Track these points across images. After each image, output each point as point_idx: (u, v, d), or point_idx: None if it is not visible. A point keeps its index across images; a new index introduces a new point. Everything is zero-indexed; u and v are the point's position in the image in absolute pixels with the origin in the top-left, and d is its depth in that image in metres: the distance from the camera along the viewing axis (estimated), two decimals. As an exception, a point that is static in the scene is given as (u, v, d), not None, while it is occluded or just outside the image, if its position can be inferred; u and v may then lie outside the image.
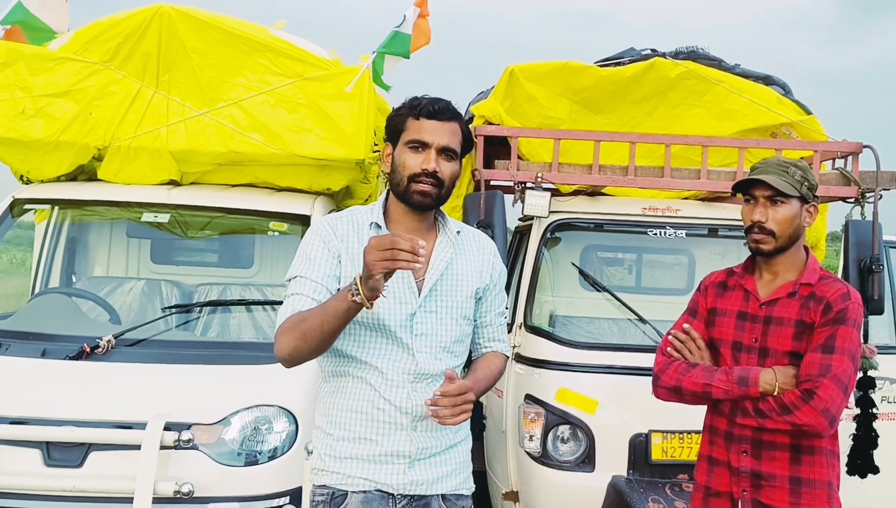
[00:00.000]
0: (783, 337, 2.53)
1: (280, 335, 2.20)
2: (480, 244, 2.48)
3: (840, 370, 2.40)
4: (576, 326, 4.61)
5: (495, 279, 2.47)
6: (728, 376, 2.53)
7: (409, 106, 2.31)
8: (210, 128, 4.03)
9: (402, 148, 2.29)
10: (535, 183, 4.21)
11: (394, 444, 2.25)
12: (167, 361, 3.57)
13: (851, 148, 4.27)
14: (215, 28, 4.01)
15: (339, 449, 2.28)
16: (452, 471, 2.35)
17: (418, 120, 2.27)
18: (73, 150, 4.09)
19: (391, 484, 2.25)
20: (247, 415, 3.34)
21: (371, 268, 1.99)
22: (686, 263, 5.42)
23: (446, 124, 2.28)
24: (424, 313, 2.28)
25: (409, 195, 2.27)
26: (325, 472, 2.30)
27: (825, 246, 5.36)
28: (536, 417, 4.00)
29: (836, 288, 2.51)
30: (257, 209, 4.22)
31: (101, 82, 4.02)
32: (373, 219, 2.33)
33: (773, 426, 2.46)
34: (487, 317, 2.48)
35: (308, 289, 2.23)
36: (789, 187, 2.52)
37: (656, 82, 4.53)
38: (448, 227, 2.41)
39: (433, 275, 2.31)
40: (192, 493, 3.14)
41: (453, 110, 2.32)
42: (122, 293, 4.51)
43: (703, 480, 2.71)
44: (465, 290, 2.36)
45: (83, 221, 4.77)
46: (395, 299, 2.26)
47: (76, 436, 3.20)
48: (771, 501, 2.51)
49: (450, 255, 2.36)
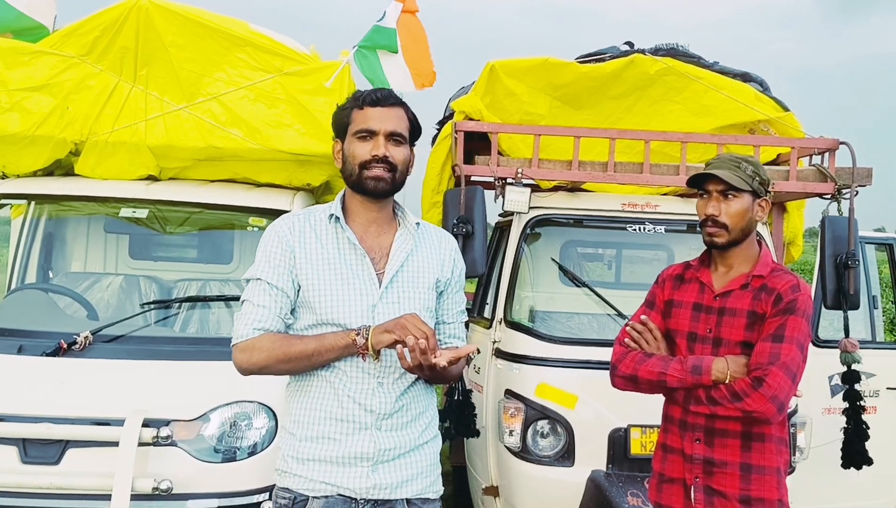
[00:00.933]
0: (736, 327, 2.60)
1: (250, 352, 2.22)
2: (441, 239, 2.48)
3: (789, 359, 2.47)
4: (555, 321, 4.63)
5: (456, 275, 2.47)
6: (682, 365, 2.60)
7: (353, 99, 2.36)
8: (189, 123, 4.00)
9: (350, 140, 2.32)
10: (515, 179, 4.22)
11: (357, 445, 2.23)
12: (145, 357, 3.54)
13: (828, 145, 4.31)
14: (194, 22, 3.98)
15: (302, 451, 2.26)
16: (418, 474, 2.31)
17: (362, 109, 2.31)
18: (49, 144, 4.04)
19: (353, 489, 2.22)
20: (226, 411, 3.33)
21: (399, 328, 2.12)
22: (665, 258, 5.46)
23: (391, 110, 2.31)
24: (386, 305, 2.27)
25: (364, 183, 2.28)
26: (288, 474, 2.28)
27: (802, 242, 5.40)
28: (516, 412, 4.01)
29: (786, 280, 2.58)
30: (237, 205, 4.19)
31: (78, 76, 3.97)
32: (331, 211, 2.33)
33: (725, 413, 2.53)
34: (448, 315, 2.46)
35: (269, 300, 2.25)
36: (741, 182, 2.61)
37: (636, 79, 4.55)
38: (408, 219, 2.40)
39: (393, 265, 2.31)
40: (171, 490, 3.12)
41: (396, 97, 2.35)
42: (100, 289, 4.48)
43: (658, 467, 2.79)
44: (426, 281, 2.35)
45: (60, 216, 4.72)
46: (356, 292, 2.26)
47: (53, 433, 3.17)
48: (722, 487, 2.58)
49: (410, 246, 2.36)
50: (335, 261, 2.28)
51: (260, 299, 2.26)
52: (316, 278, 2.26)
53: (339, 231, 2.32)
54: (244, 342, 2.24)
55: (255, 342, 2.22)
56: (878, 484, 4.56)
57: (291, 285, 2.27)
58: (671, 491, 2.72)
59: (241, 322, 2.27)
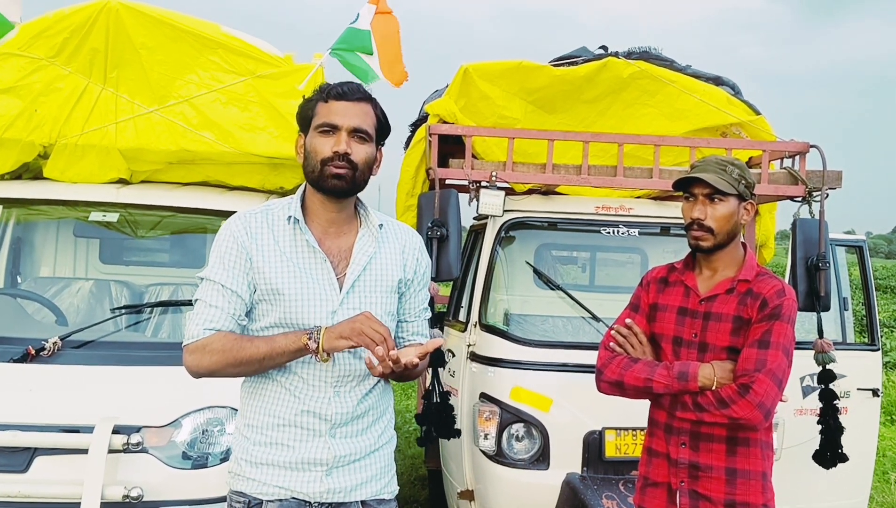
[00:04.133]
0: (722, 332, 2.60)
1: (201, 353, 2.16)
2: (406, 238, 2.40)
3: (775, 365, 2.47)
4: (530, 324, 4.64)
5: (419, 274, 2.40)
6: (669, 371, 2.59)
7: (318, 91, 2.26)
8: (160, 126, 3.96)
9: (312, 134, 2.22)
10: (489, 182, 4.22)
11: (311, 451, 2.19)
12: (116, 363, 3.49)
13: (799, 148, 4.35)
14: (165, 24, 3.94)
15: (256, 454, 2.21)
16: (373, 476, 2.28)
17: (327, 103, 2.21)
18: (17, 147, 3.99)
19: (307, 493, 2.19)
20: (198, 417, 3.29)
21: (355, 333, 2.07)
22: (639, 261, 5.49)
23: (356, 105, 2.20)
24: (347, 311, 2.20)
25: (324, 180, 2.19)
26: (241, 477, 2.23)
27: (774, 244, 5.45)
28: (491, 416, 4.01)
29: (772, 285, 2.58)
30: (209, 208, 4.15)
31: (47, 78, 3.92)
32: (290, 213, 2.24)
33: (711, 420, 2.53)
34: (411, 313, 2.41)
35: (222, 300, 2.18)
36: (727, 185, 2.60)
37: (609, 82, 4.57)
38: (370, 220, 2.32)
39: (355, 269, 2.24)
40: (142, 497, 3.08)
41: (364, 92, 2.25)
42: (70, 294, 4.41)
43: (643, 471, 2.79)
44: (388, 284, 2.29)
45: (28, 220, 4.65)
46: (316, 297, 2.19)
47: (20, 440, 3.11)
48: (707, 491, 2.59)
49: (372, 249, 2.28)
50: (294, 264, 2.21)
51: (212, 298, 2.19)
52: (274, 282, 2.18)
53: (297, 233, 2.24)
54: (195, 342, 2.17)
55: (206, 343, 2.15)
56: (850, 485, 4.61)
57: (246, 288, 2.20)
58: (654, 495, 2.72)
59: (192, 322, 2.20)
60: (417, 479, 6.53)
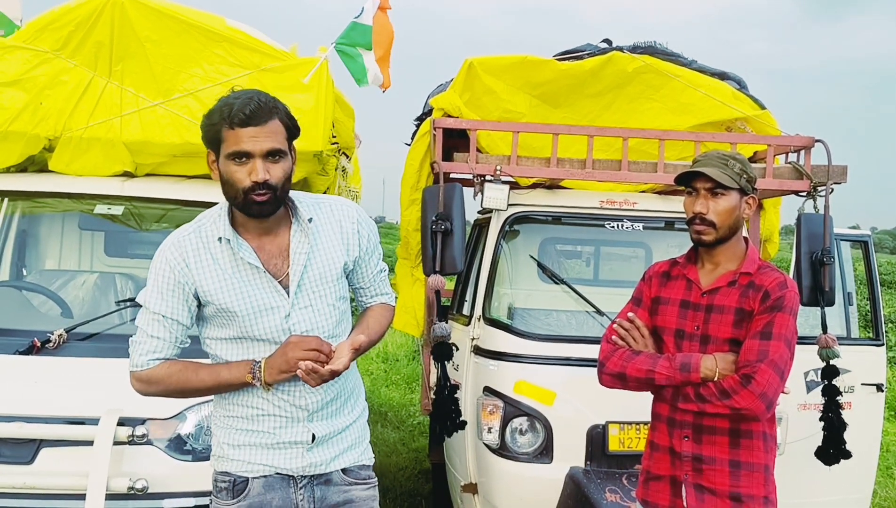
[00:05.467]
0: (724, 325, 2.61)
1: (147, 383, 2.27)
2: (341, 215, 2.39)
3: (777, 356, 2.48)
4: (534, 318, 4.63)
5: (365, 244, 2.42)
6: (671, 362, 2.60)
7: (220, 114, 2.16)
8: (165, 119, 3.96)
9: (225, 162, 2.16)
10: (493, 176, 4.22)
11: (291, 435, 2.30)
12: (121, 355, 3.41)
13: (804, 142, 4.34)
14: (169, 17, 3.95)
15: (237, 438, 2.32)
16: (350, 446, 2.41)
17: (234, 130, 2.13)
18: (22, 140, 3.99)
19: (290, 468, 2.30)
20: (202, 409, 3.29)
21: (290, 365, 2.14)
22: (643, 255, 5.48)
23: (264, 128, 2.14)
24: (299, 311, 2.27)
25: (248, 208, 2.18)
26: (225, 459, 2.33)
27: (779, 239, 5.44)
28: (495, 409, 4.01)
29: (773, 277, 2.59)
30: (213, 201, 4.13)
31: (52, 71, 3.93)
32: (220, 234, 2.25)
33: (714, 411, 2.53)
34: (366, 279, 2.48)
35: (162, 331, 2.24)
36: (729, 180, 2.60)
37: (614, 76, 4.56)
38: (300, 214, 2.31)
39: (296, 271, 2.27)
40: (147, 489, 3.09)
41: (267, 109, 2.15)
42: (75, 287, 4.42)
43: (647, 464, 2.80)
44: (332, 273, 2.32)
45: (34, 213, 4.66)
46: (267, 309, 2.24)
47: (26, 432, 3.13)
48: (711, 484, 2.59)
49: (307, 246, 2.29)
50: (237, 282, 2.23)
51: (153, 329, 2.24)
52: (224, 302, 2.22)
53: (234, 251, 2.24)
54: (140, 372, 2.26)
55: (151, 374, 2.25)
56: (854, 479, 4.60)
57: (186, 313, 2.25)
58: (658, 488, 2.72)
59: (135, 351, 2.26)
60: (421, 473, 6.54)
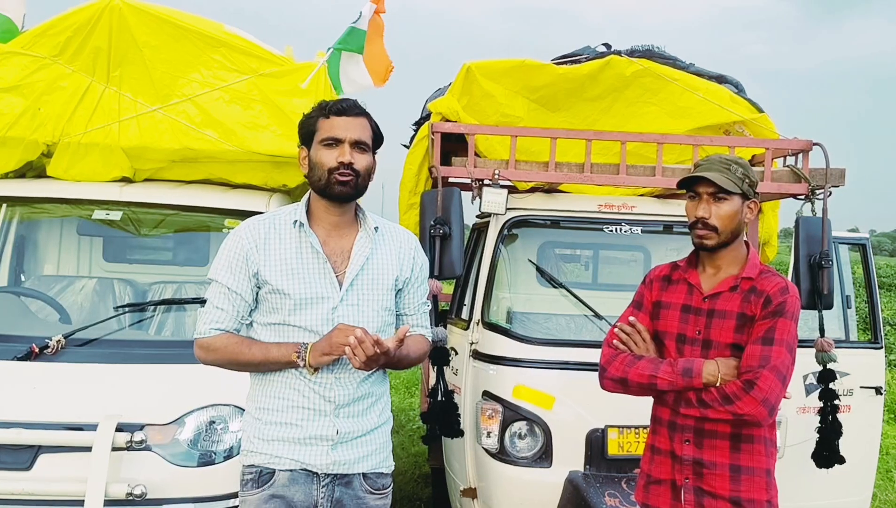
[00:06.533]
0: (725, 330, 2.60)
1: (206, 350, 2.48)
2: (401, 239, 2.64)
3: (779, 362, 2.48)
4: (533, 322, 4.64)
5: (417, 272, 2.65)
6: (673, 367, 2.59)
7: (319, 108, 2.50)
8: (163, 124, 3.96)
9: (317, 147, 2.47)
10: (492, 180, 4.22)
11: (317, 429, 2.43)
12: (119, 361, 3.50)
13: (802, 146, 4.35)
14: (167, 23, 3.94)
15: (267, 432, 2.46)
16: (373, 451, 2.53)
17: (329, 119, 2.46)
18: (20, 146, 3.99)
19: (315, 464, 2.43)
20: (201, 415, 3.29)
21: (334, 348, 2.32)
22: (641, 259, 5.48)
23: (355, 120, 2.46)
24: (346, 307, 2.45)
25: (330, 188, 2.43)
26: (254, 453, 2.47)
27: (777, 242, 5.45)
28: (494, 413, 4.01)
29: (775, 282, 2.59)
30: (212, 206, 4.16)
31: (50, 77, 3.92)
32: (296, 217, 2.49)
33: (716, 416, 2.53)
34: (410, 307, 2.65)
35: (227, 303, 2.46)
36: (731, 184, 2.60)
37: (612, 80, 4.56)
38: (367, 223, 2.55)
39: (353, 269, 2.47)
40: (145, 495, 3.09)
41: (360, 107, 2.50)
42: (73, 292, 4.42)
43: (646, 468, 2.79)
44: (385, 282, 2.53)
45: (32, 218, 4.65)
46: (317, 296, 2.43)
47: (24, 438, 3.12)
48: (712, 488, 2.59)
49: (369, 249, 2.51)
50: (297, 265, 2.44)
51: (219, 301, 2.47)
52: (279, 284, 2.42)
53: (302, 236, 2.47)
54: (203, 338, 2.48)
55: (211, 342, 2.46)
56: (853, 482, 4.61)
57: (250, 290, 2.46)
58: (658, 492, 2.72)
59: (202, 320, 2.50)
60: (420, 477, 6.53)
